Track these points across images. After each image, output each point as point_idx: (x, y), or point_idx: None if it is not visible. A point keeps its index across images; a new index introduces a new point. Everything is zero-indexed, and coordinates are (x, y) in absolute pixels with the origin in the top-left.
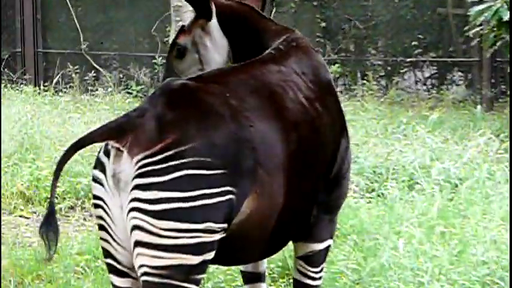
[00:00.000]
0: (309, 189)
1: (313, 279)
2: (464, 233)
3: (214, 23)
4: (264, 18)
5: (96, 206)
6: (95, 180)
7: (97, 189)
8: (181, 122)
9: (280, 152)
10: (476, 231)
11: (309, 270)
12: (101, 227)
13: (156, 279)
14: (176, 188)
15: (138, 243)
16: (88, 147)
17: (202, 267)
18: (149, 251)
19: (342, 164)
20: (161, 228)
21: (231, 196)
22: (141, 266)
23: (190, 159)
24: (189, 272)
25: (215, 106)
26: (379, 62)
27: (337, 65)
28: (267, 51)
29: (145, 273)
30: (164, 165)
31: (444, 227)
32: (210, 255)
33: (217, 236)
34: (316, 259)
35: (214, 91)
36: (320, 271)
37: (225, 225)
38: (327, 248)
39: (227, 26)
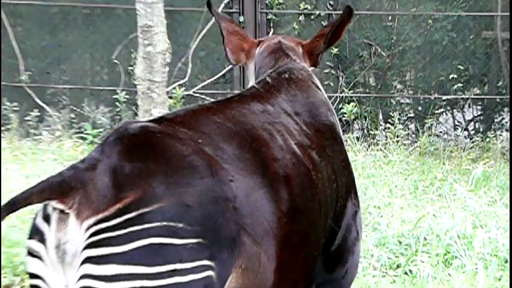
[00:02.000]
0: (304, 264)
1: None
2: None
3: (250, 67)
4: (285, 54)
5: (34, 287)
6: (31, 253)
7: (34, 265)
8: (143, 176)
9: (268, 214)
10: None
11: None
12: None
13: None
14: (139, 262)
15: None
16: (29, 208)
17: None
18: None
19: (348, 234)
20: None
21: (209, 273)
22: None
23: (157, 224)
24: None
25: (186, 155)
26: (407, 100)
27: (352, 104)
28: (249, 85)
29: None
30: (123, 232)
31: None
32: None
33: None
34: None
35: (183, 136)
36: None
37: None
38: None
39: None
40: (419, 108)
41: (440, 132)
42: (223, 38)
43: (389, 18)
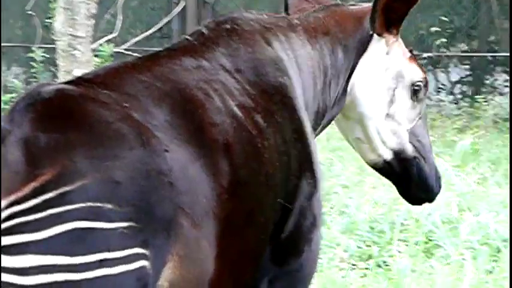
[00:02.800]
0: (250, 249)
1: None
2: None
3: None
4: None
5: None
6: None
7: None
8: (62, 148)
9: (207, 190)
10: None
11: None
12: None
13: None
14: (60, 251)
15: None
16: None
17: None
18: None
19: (303, 219)
20: None
21: (142, 263)
22: None
23: (81, 205)
24: None
25: (111, 122)
26: None
27: None
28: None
29: None
30: (41, 215)
31: None
32: None
33: None
34: None
35: (106, 100)
36: None
37: None
38: None
39: None
40: None
41: None
42: (287, 5)
43: None
